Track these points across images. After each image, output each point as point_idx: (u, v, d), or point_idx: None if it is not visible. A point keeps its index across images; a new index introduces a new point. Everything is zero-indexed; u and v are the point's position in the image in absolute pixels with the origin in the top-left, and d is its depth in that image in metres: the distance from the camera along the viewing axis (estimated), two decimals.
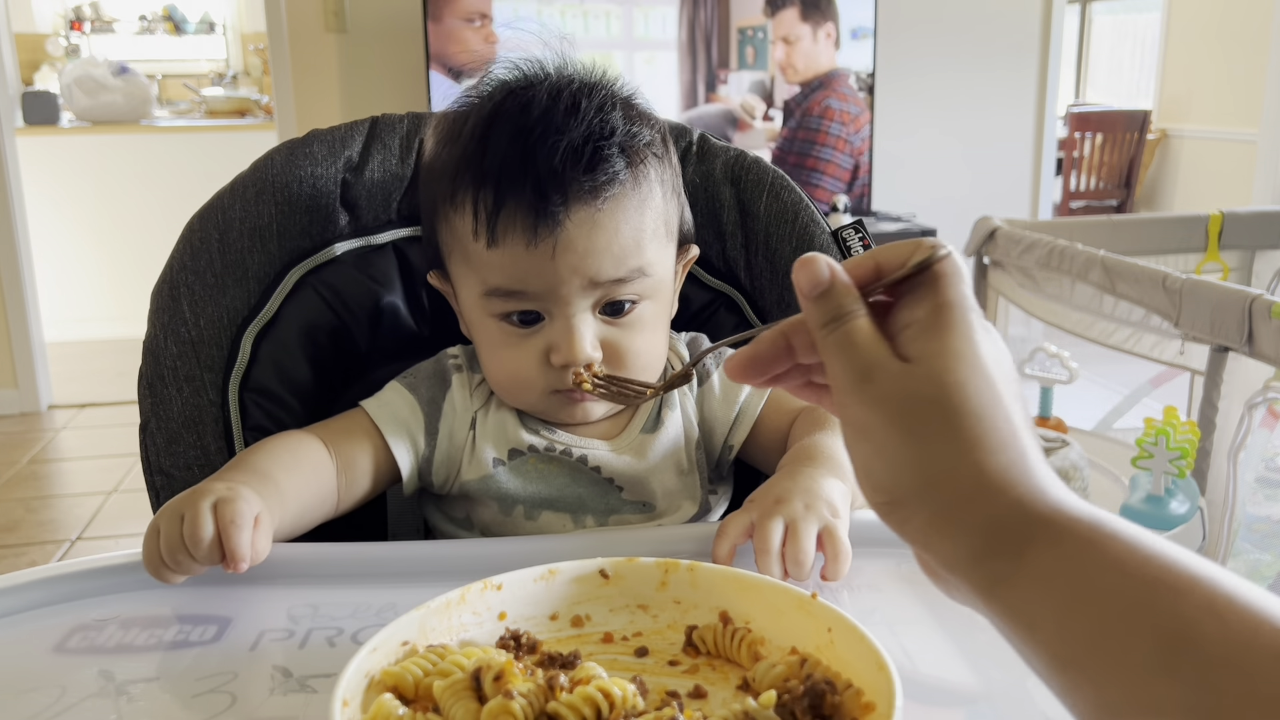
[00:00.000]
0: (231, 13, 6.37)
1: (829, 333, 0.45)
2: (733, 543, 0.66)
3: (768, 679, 0.51)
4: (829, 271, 0.46)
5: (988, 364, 0.43)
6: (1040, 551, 0.40)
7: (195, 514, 0.64)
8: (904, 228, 3.61)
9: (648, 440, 0.83)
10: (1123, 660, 0.36)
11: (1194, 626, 0.35)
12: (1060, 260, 2.24)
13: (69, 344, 4.30)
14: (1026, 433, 0.43)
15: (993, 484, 0.41)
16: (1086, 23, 7.38)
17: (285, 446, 0.76)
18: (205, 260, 0.83)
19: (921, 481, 0.43)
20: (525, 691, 0.46)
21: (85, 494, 2.94)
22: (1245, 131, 5.18)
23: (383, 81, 3.53)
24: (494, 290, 0.76)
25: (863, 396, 0.44)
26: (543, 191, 0.72)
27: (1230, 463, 1.66)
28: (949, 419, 0.42)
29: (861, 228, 0.89)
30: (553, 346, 0.76)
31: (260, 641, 0.60)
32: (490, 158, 0.74)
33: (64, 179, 4.59)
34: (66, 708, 0.53)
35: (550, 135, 0.73)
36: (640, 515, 0.82)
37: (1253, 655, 0.34)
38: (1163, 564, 0.37)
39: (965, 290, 0.45)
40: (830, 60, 3.57)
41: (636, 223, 0.76)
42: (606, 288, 0.76)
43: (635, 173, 0.76)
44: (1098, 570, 0.38)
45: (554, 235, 0.73)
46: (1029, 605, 0.40)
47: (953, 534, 0.42)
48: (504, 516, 0.81)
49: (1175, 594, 0.36)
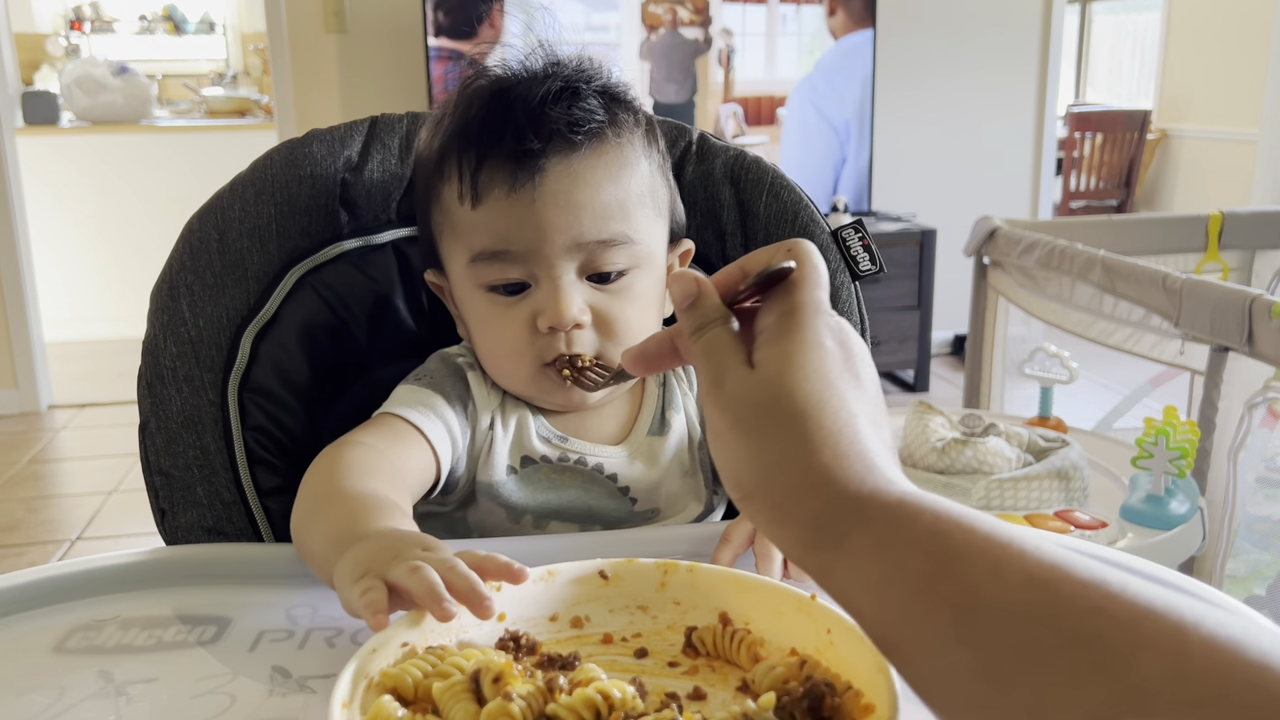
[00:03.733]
0: (231, 13, 6.37)
1: (694, 341, 0.50)
2: (736, 551, 0.66)
3: (767, 680, 0.51)
4: (696, 285, 0.51)
5: (822, 366, 0.47)
6: (855, 539, 0.42)
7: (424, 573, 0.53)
8: (904, 228, 3.61)
9: (656, 444, 0.83)
10: (926, 635, 0.38)
11: (979, 594, 0.37)
12: (1060, 260, 2.24)
13: (69, 344, 4.30)
14: (865, 426, 0.46)
15: (817, 479, 0.44)
16: (1086, 23, 7.38)
17: (366, 467, 0.70)
18: (205, 260, 0.83)
19: (758, 479, 0.46)
20: (524, 693, 0.46)
21: (85, 494, 2.94)
22: (1245, 131, 5.18)
23: (383, 81, 3.53)
24: (479, 254, 0.76)
25: (714, 400, 0.48)
26: (519, 135, 0.73)
27: (1230, 463, 1.66)
28: (779, 421, 0.45)
29: (861, 228, 0.89)
30: (539, 310, 0.75)
31: (260, 642, 0.60)
32: (471, 121, 0.76)
33: (64, 179, 4.59)
34: (66, 708, 0.53)
35: (528, 87, 0.75)
36: (649, 525, 0.82)
37: (1024, 610, 0.36)
38: (957, 537, 0.40)
39: (813, 294, 0.49)
40: None
41: (621, 183, 0.76)
42: (591, 250, 0.75)
43: (617, 128, 0.77)
44: (900, 553, 0.41)
45: (533, 180, 0.73)
46: (850, 592, 0.43)
47: (786, 528, 0.45)
48: (511, 524, 0.81)
49: (967, 564, 0.38)
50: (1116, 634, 0.34)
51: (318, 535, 0.63)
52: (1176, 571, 0.64)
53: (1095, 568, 0.37)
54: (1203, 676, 0.31)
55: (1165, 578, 0.63)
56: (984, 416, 1.78)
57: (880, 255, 0.88)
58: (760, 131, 3.78)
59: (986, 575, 0.38)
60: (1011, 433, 1.73)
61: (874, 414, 0.47)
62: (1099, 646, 0.34)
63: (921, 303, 3.62)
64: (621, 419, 0.84)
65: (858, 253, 0.89)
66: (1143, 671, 0.32)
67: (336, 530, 0.61)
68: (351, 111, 3.48)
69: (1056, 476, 1.60)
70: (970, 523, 0.40)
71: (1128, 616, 0.34)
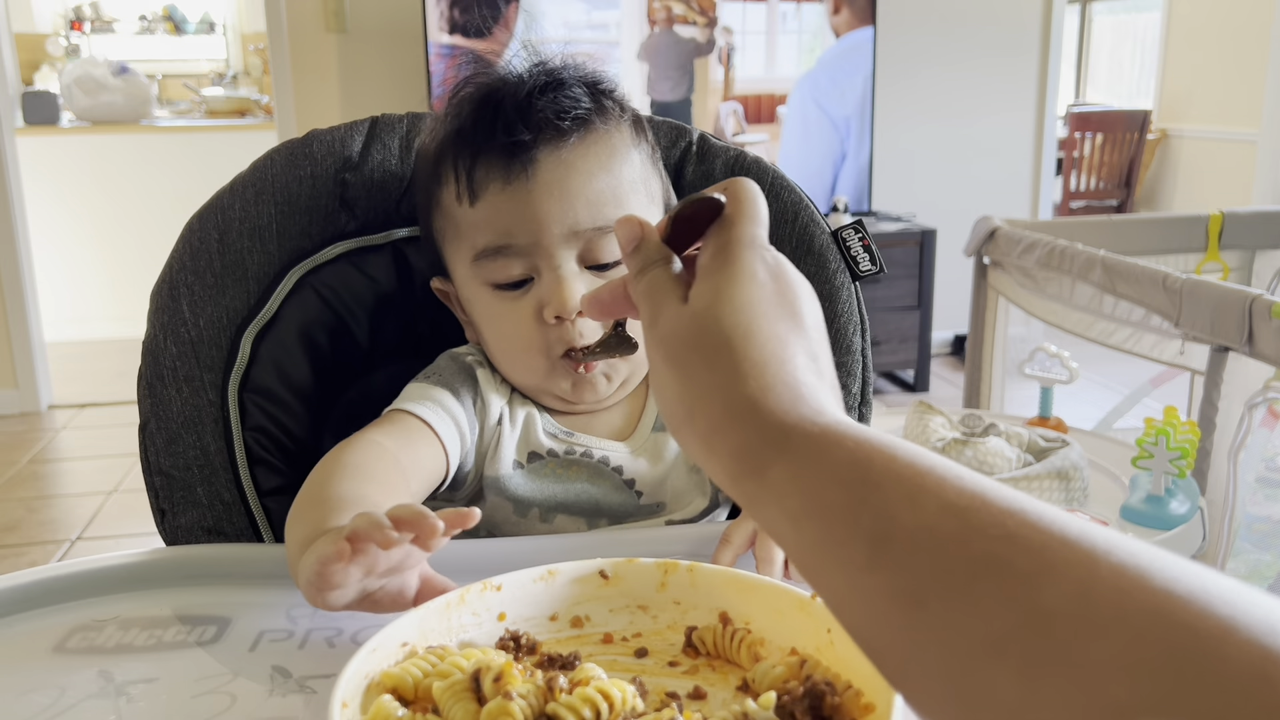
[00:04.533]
0: (231, 13, 6.37)
1: (637, 282, 0.51)
2: (736, 552, 0.67)
3: (767, 680, 0.51)
4: (640, 228, 0.52)
5: (751, 299, 0.47)
6: (776, 469, 0.42)
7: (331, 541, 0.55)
8: (904, 228, 3.61)
9: (661, 440, 0.83)
10: (842, 563, 0.39)
11: (894, 522, 0.38)
12: (1060, 260, 2.24)
13: (69, 344, 4.30)
14: (796, 357, 0.46)
15: (742, 410, 0.44)
16: (1086, 23, 7.38)
17: (366, 470, 0.69)
18: (205, 260, 0.83)
19: (686, 411, 0.46)
20: (525, 692, 0.46)
21: (85, 494, 2.94)
22: (1245, 131, 5.18)
23: (383, 81, 3.53)
24: (482, 251, 0.77)
25: (651, 337, 0.49)
26: (510, 128, 0.75)
27: (1230, 463, 1.66)
28: (706, 352, 0.46)
29: (861, 228, 0.89)
30: (544, 301, 0.77)
31: (260, 642, 0.60)
32: (463, 123, 0.78)
33: (64, 179, 4.59)
34: (66, 708, 0.53)
35: (516, 87, 0.77)
36: (654, 518, 0.83)
37: (938, 535, 0.36)
38: (877, 465, 0.40)
39: (748, 229, 0.49)
40: None
41: (613, 171, 0.78)
42: (588, 239, 0.77)
43: (604, 116, 0.79)
44: (820, 483, 0.41)
45: (527, 172, 0.75)
46: (773, 522, 0.43)
47: (714, 459, 0.45)
48: (518, 518, 0.81)
49: (883, 493, 0.39)
50: (1025, 559, 0.34)
51: (293, 537, 0.63)
52: None
53: (1014, 496, 0.37)
54: (1105, 601, 0.32)
55: None
56: (984, 416, 1.78)
57: (880, 255, 0.88)
58: (760, 130, 3.78)
59: (904, 503, 0.38)
60: (1011, 433, 1.73)
61: (811, 348, 0.47)
62: (1007, 571, 0.34)
63: (921, 303, 3.62)
64: (627, 415, 0.85)
65: (858, 253, 0.89)
66: (1047, 595, 0.33)
67: (308, 533, 0.61)
68: (351, 111, 3.48)
69: (1056, 476, 1.60)
70: (892, 450, 0.40)
71: (1039, 543, 0.34)
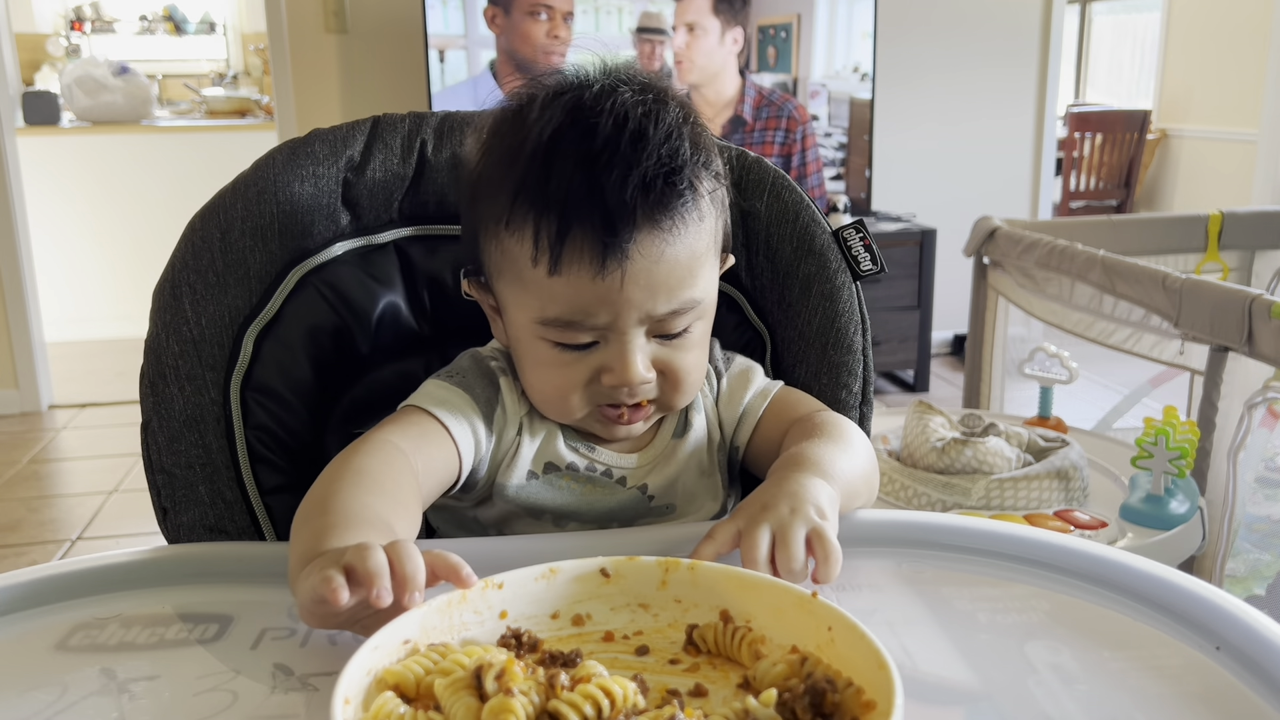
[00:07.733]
0: (232, 13, 6.37)
1: None
2: (717, 550, 0.65)
3: (768, 677, 0.51)
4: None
5: None
6: None
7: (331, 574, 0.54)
8: (904, 228, 3.61)
9: (678, 445, 0.84)
10: None
11: None
12: (1060, 260, 2.24)
13: (69, 344, 4.30)
14: None
15: None
16: (1086, 23, 7.38)
17: (376, 479, 0.69)
18: (207, 259, 0.83)
19: None
20: (526, 690, 0.46)
21: (86, 494, 2.94)
22: (1245, 131, 5.18)
23: (383, 81, 3.53)
24: (553, 320, 0.74)
25: None
26: (612, 226, 0.70)
27: (1230, 463, 1.66)
28: None
29: (862, 227, 0.89)
30: (605, 367, 0.75)
31: (262, 640, 0.60)
32: (554, 186, 0.71)
33: (64, 179, 4.59)
34: (68, 706, 0.53)
35: (617, 165, 0.70)
36: (664, 520, 0.83)
37: None
38: None
39: None
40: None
41: (695, 249, 0.74)
42: (662, 317, 0.75)
43: (698, 197, 0.75)
44: None
45: (622, 267, 0.71)
46: None
47: None
48: (531, 520, 0.81)
49: None
50: None
51: (296, 544, 0.62)
52: (1177, 570, 0.64)
53: None
54: None
55: (1166, 578, 0.63)
56: (984, 416, 1.78)
57: (881, 255, 0.89)
58: None
59: None
60: (1011, 433, 1.74)
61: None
62: None
63: (921, 303, 3.62)
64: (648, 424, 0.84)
65: (859, 253, 0.89)
66: None
67: (309, 546, 0.60)
68: (352, 111, 3.48)
69: (1056, 476, 1.60)
70: None
71: None
